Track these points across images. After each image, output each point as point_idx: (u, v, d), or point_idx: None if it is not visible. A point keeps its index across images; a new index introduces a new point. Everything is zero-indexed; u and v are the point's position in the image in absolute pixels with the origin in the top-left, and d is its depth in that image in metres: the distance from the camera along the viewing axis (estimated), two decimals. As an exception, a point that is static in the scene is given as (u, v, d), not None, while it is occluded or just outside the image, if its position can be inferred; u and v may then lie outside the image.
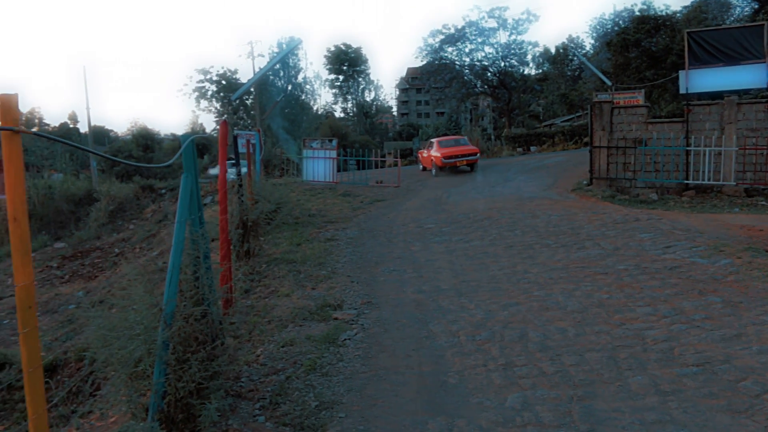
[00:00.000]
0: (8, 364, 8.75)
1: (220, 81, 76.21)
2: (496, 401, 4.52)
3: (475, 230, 11.51)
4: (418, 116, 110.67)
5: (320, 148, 20.69)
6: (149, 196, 27.25)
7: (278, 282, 8.61)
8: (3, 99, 2.36)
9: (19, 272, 2.43)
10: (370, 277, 8.57)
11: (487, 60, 54.36)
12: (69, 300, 14.53)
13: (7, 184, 2.39)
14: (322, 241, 11.07)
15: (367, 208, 15.39)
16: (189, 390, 4.16)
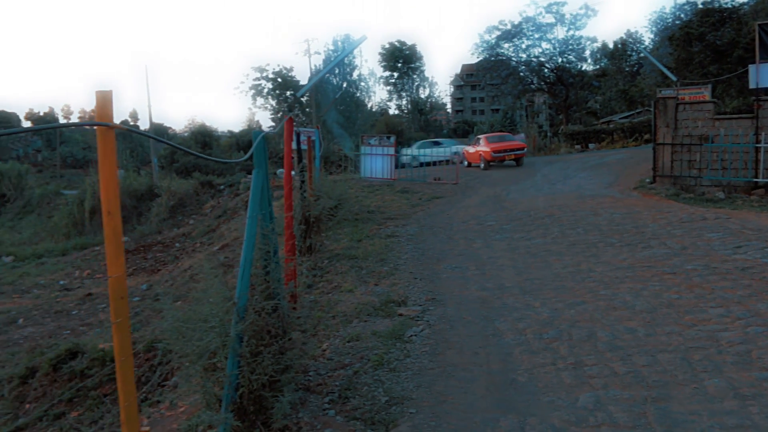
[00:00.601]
0: (80, 353, 9.00)
1: (275, 78, 77.12)
2: (568, 400, 4.46)
3: (536, 228, 11.39)
4: (472, 113, 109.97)
5: (378, 145, 20.77)
6: (208, 191, 27.72)
7: (341, 278, 8.68)
8: (99, 95, 2.43)
9: (112, 264, 2.50)
10: (432, 273, 8.57)
11: (544, 56, 53.71)
12: (133, 292, 14.91)
13: (102, 179, 2.46)
14: (383, 238, 11.11)
15: (426, 205, 15.38)
16: (262, 382, 4.22)
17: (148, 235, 24.05)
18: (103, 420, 7.39)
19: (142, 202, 28.73)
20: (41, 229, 32.29)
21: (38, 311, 14.74)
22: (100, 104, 2.41)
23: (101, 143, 2.42)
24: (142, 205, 28.58)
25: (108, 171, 2.45)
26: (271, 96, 77.53)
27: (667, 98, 17.21)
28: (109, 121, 2.40)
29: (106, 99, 2.42)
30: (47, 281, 18.96)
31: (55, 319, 13.81)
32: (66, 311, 14.46)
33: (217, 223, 20.67)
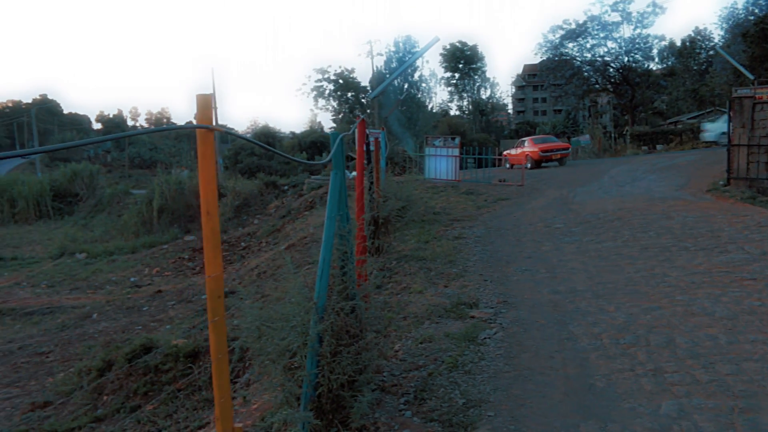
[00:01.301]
0: (153, 348, 9.26)
1: (337, 80, 77.82)
2: (649, 408, 4.36)
3: (606, 231, 11.19)
4: (534, 114, 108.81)
5: (443, 146, 20.75)
6: (272, 192, 28.18)
7: (410, 279, 8.70)
8: (200, 99, 2.49)
9: (210, 263, 2.56)
10: (502, 276, 8.50)
11: (610, 55, 52.73)
12: (201, 290, 15.25)
13: (201, 180, 2.53)
14: (450, 239, 11.09)
15: (492, 207, 15.28)
16: (341, 382, 4.27)
17: (214, 234, 24.54)
18: (177, 414, 7.58)
19: (208, 202, 29.37)
20: (112, 227, 33.33)
21: (111, 307, 15.24)
22: (200, 107, 2.47)
23: (201, 145, 2.48)
24: (207, 205, 29.22)
25: (207, 172, 2.51)
26: (333, 97, 78.25)
27: (743, 98, 16.65)
28: (209, 123, 2.46)
29: (207, 102, 2.49)
30: (118, 278, 19.58)
31: (127, 315, 14.24)
32: (137, 307, 14.90)
33: (282, 223, 20.96)
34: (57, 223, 39.92)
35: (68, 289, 18.91)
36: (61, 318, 14.79)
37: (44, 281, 20.56)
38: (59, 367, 10.97)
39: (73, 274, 21.20)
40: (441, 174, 20.55)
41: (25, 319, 15.26)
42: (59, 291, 18.80)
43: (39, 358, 11.70)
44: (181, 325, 11.79)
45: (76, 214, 41.92)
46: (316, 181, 24.64)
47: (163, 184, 30.72)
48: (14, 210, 41.66)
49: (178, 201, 29.62)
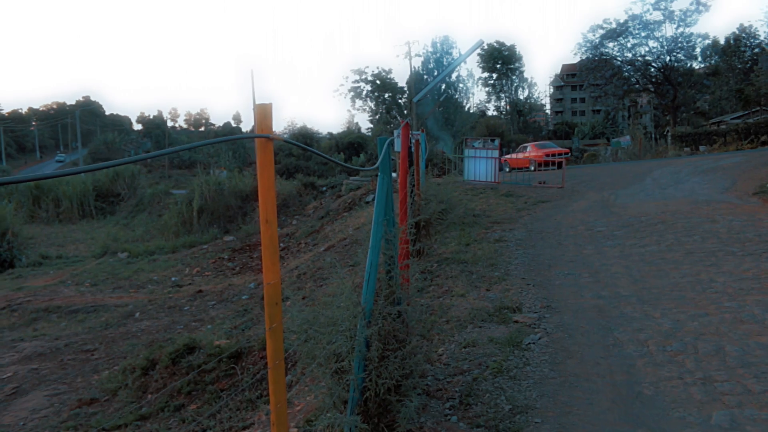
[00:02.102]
0: (196, 348, 9.37)
1: (374, 81, 78.00)
2: (700, 418, 4.30)
3: (649, 234, 11.02)
4: (572, 114, 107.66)
5: (482, 148, 20.69)
6: (311, 193, 28.35)
7: (451, 282, 8.68)
8: (259, 108, 2.53)
9: (269, 271, 2.59)
10: (544, 280, 8.43)
11: (651, 55, 51.87)
12: (242, 291, 15.41)
13: (260, 189, 2.56)
14: (491, 242, 11.03)
15: (532, 209, 15.16)
16: (388, 387, 4.28)
17: (253, 235, 24.79)
18: (221, 414, 7.66)
19: (247, 202, 29.67)
20: (152, 227, 33.85)
21: (153, 306, 15.46)
22: (260, 117, 2.51)
23: (260, 154, 2.51)
24: (247, 205, 29.52)
25: (266, 181, 2.54)
26: (370, 98, 78.45)
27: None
28: (268, 133, 2.49)
29: (266, 112, 2.52)
30: (160, 277, 19.86)
31: (169, 314, 14.43)
32: (178, 307, 15.09)
33: (321, 224, 21.06)
34: (99, 223, 40.71)
35: (111, 288, 19.23)
36: (104, 316, 15.04)
37: (88, 280, 20.95)
38: (104, 364, 11.15)
39: (116, 273, 21.56)
40: (480, 176, 20.47)
41: (71, 317, 15.56)
42: (102, 290, 19.13)
43: (85, 355, 11.90)
44: (222, 325, 11.92)
45: (117, 213, 42.71)
46: (354, 182, 24.73)
47: (202, 185, 31.10)
48: (59, 210, 42.60)
49: (217, 202, 29.97)
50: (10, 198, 40.72)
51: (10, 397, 10.05)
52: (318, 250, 15.94)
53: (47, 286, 20.38)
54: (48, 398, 9.85)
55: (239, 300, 14.17)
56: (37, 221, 41.33)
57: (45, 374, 11.00)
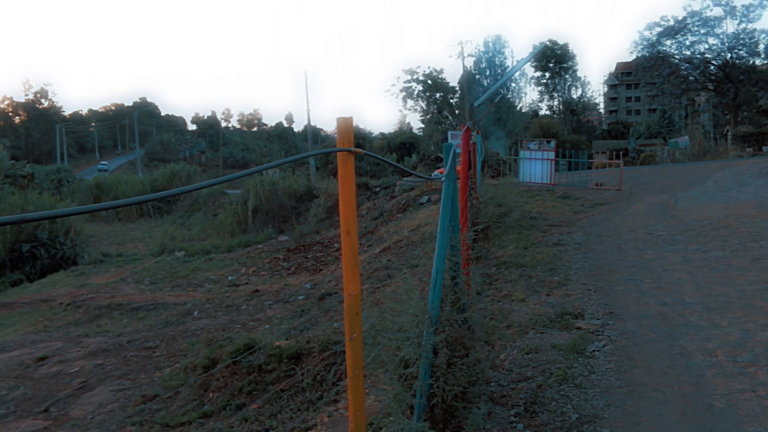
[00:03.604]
0: (257, 348, 9.51)
1: (425, 81, 77.89)
2: (776, 432, 4.20)
3: (712, 239, 10.77)
4: (627, 113, 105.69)
5: (538, 149, 20.52)
6: (364, 193, 28.44)
7: (510, 286, 8.63)
8: (341, 122, 2.57)
9: (349, 282, 2.64)
10: (605, 285, 8.32)
11: (711, 52, 50.56)
12: (298, 291, 15.57)
13: (341, 200, 2.61)
14: (549, 246, 10.93)
15: (590, 212, 14.95)
16: (455, 393, 4.30)
17: (307, 235, 25.05)
18: (282, 414, 7.77)
19: (300, 203, 29.98)
20: (208, 226, 34.51)
21: (211, 305, 15.75)
22: (341, 130, 2.55)
23: (342, 167, 2.56)
24: (300, 206, 29.84)
25: (348, 193, 2.59)
26: (421, 98, 78.36)
27: None
28: (350, 146, 2.53)
29: (347, 125, 2.56)
30: (217, 276, 20.22)
31: (227, 313, 14.67)
32: (236, 306, 15.34)
33: (375, 225, 21.14)
34: (157, 222, 41.71)
35: (170, 286, 19.67)
36: (164, 314, 15.39)
37: (147, 278, 21.48)
38: (165, 362, 11.41)
39: (174, 271, 22.05)
40: (536, 177, 20.31)
41: (132, 314, 15.98)
42: (161, 288, 19.58)
43: (146, 352, 12.19)
44: (280, 325, 12.07)
45: (174, 213, 43.66)
46: (408, 183, 24.75)
47: (257, 185, 31.56)
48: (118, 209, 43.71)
49: (271, 202, 30.38)
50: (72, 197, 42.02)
51: (78, 391, 10.38)
52: (373, 252, 16.00)
53: (108, 284, 20.98)
54: (113, 393, 10.13)
55: (296, 300, 14.32)
56: (98, 220, 42.52)
57: (110, 370, 11.31)
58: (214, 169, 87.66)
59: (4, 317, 17.81)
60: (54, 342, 13.52)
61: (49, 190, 44.63)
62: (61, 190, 47.24)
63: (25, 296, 20.87)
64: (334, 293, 13.24)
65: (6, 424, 9.28)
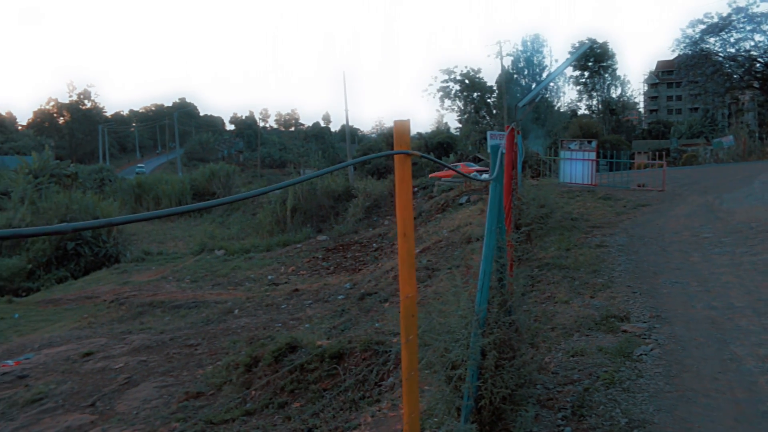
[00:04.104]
0: (298, 347, 9.58)
1: (463, 80, 77.54)
2: (833, 441, 4.11)
3: (761, 242, 10.53)
4: (668, 113, 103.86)
5: (578, 149, 20.32)
6: (403, 194, 28.41)
7: (553, 288, 8.56)
8: (398, 125, 2.58)
9: (405, 284, 2.64)
10: (651, 288, 8.20)
11: (757, 49, 49.36)
12: (337, 290, 15.63)
13: (398, 203, 2.61)
14: (592, 247, 10.80)
15: (632, 213, 14.73)
16: (503, 396, 4.28)
17: (345, 235, 25.16)
18: (324, 413, 7.81)
19: (339, 202, 30.10)
20: (247, 225, 34.85)
21: (251, 303, 15.90)
22: (398, 133, 2.56)
23: (399, 169, 2.56)
24: (339, 205, 29.96)
25: (404, 196, 2.59)
26: (458, 98, 78.03)
27: None
28: (407, 149, 2.54)
29: (405, 128, 2.57)
30: (256, 275, 20.41)
31: (267, 312, 14.79)
32: (275, 305, 15.46)
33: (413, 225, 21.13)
34: (196, 221, 42.21)
35: (210, 285, 19.92)
36: (205, 312, 15.58)
37: (188, 276, 21.79)
38: (207, 359, 11.55)
39: (214, 270, 22.33)
40: (576, 178, 20.12)
41: (174, 312, 16.21)
42: (202, 286, 19.84)
43: (189, 349, 12.36)
44: (320, 325, 12.14)
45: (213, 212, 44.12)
46: (446, 183, 24.70)
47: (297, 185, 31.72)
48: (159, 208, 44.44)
49: (310, 201, 30.56)
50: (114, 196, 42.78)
51: (123, 386, 10.57)
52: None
53: (150, 282, 21.33)
54: (157, 389, 10.30)
55: (335, 300, 14.38)
56: (139, 218, 43.10)
57: (153, 366, 11.50)
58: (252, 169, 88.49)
59: (51, 313, 18.23)
60: (99, 338, 13.79)
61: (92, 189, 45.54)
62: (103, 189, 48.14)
63: (70, 293, 21.34)
64: (374, 293, 13.26)
65: (55, 417, 9.49)
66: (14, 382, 11.17)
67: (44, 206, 30.54)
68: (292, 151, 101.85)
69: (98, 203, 31.24)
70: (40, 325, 16.58)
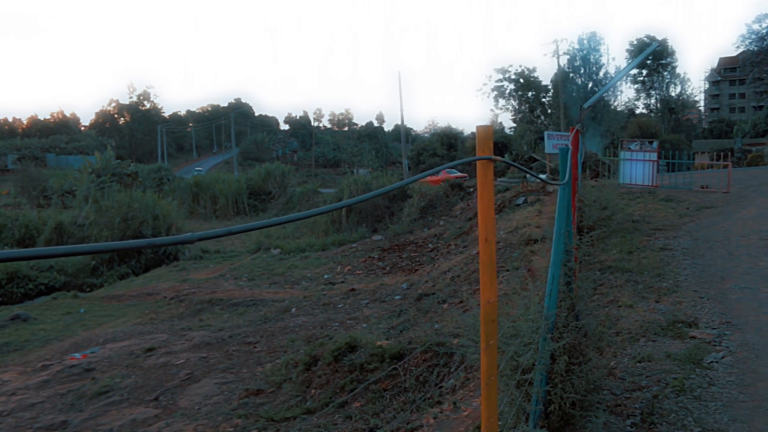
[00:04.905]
0: (358, 347, 9.63)
1: (518, 80, 76.77)
2: None
3: (834, 246, 10.19)
4: (730, 111, 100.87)
5: (639, 150, 19.93)
6: (457, 194, 28.32)
7: (616, 291, 8.42)
8: (481, 130, 2.58)
9: (486, 289, 2.64)
10: (718, 293, 8.00)
11: (827, 45, 47.63)
12: (394, 291, 15.64)
13: (480, 208, 2.62)
14: (655, 251, 10.58)
15: (695, 216, 14.37)
16: (572, 401, 4.24)
17: (401, 235, 25.16)
18: (385, 413, 7.84)
19: (394, 202, 30.12)
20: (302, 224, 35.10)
21: (308, 302, 16.02)
22: (481, 138, 2.56)
23: (481, 175, 2.56)
24: (394, 205, 29.97)
25: (487, 201, 2.59)
26: (513, 97, 77.31)
27: None
28: (489, 154, 2.54)
29: (487, 133, 2.57)
30: (313, 274, 20.57)
31: (324, 311, 14.89)
32: (332, 304, 15.55)
33: (469, 226, 21.03)
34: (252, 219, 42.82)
35: (267, 283, 20.17)
36: (263, 310, 15.77)
37: (245, 274, 22.10)
38: (266, 357, 11.70)
39: (270, 268, 22.60)
40: (637, 179, 19.74)
41: (232, 310, 16.46)
42: (259, 284, 20.10)
43: (248, 347, 12.54)
44: (378, 325, 12.17)
45: (269, 210, 44.75)
46: (503, 184, 24.51)
47: (351, 185, 31.97)
48: (215, 206, 45.31)
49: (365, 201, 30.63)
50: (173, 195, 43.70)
51: (185, 382, 10.79)
52: (470, 253, 15.92)
53: (208, 279, 21.71)
54: (218, 386, 10.48)
55: (392, 300, 14.41)
56: (196, 217, 44.11)
57: (213, 363, 11.70)
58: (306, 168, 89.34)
59: (114, 308, 18.74)
60: (160, 334, 14.11)
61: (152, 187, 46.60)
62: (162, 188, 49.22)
63: (132, 289, 21.90)
64: (432, 294, 13.23)
65: (121, 409, 9.76)
66: (82, 375, 11.53)
67: (107, 205, 31.38)
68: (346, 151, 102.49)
69: (158, 202, 31.94)
70: (104, 320, 17.05)
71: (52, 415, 9.79)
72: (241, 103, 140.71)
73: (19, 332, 15.61)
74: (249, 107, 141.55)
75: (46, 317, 17.69)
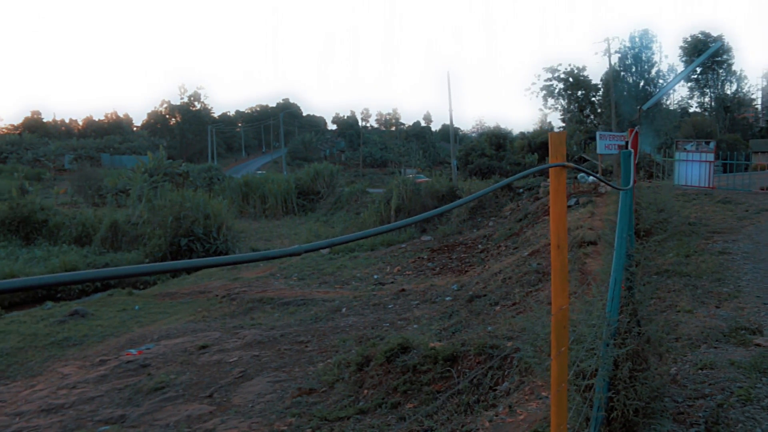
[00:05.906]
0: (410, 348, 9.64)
1: (567, 79, 75.92)
2: None
3: None
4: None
5: (695, 151, 19.53)
6: (507, 194, 28.14)
7: (674, 296, 8.27)
8: (554, 136, 2.58)
9: (558, 296, 2.64)
10: (783, 299, 7.80)
11: None
12: (444, 292, 15.63)
13: (552, 216, 2.61)
14: (714, 254, 10.35)
15: (756, 219, 13.97)
16: (635, 408, 4.18)
17: (450, 236, 25.12)
18: (438, 415, 7.84)
19: (443, 203, 30.09)
20: (351, 224, 35.33)
21: (358, 302, 16.10)
22: (554, 144, 2.55)
23: (554, 181, 2.56)
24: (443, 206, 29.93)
25: (559, 207, 2.59)
26: (562, 96, 76.48)
27: None
28: (563, 161, 2.53)
29: (561, 140, 2.56)
30: (362, 274, 20.67)
31: (374, 311, 14.95)
32: (382, 304, 15.59)
33: (519, 227, 20.88)
34: (301, 219, 43.24)
35: (317, 283, 20.34)
36: (313, 310, 15.91)
37: (295, 274, 22.32)
38: (318, 356, 11.80)
39: (320, 268, 22.78)
40: (693, 180, 19.35)
41: (283, 309, 16.64)
42: (309, 284, 20.28)
43: (299, 346, 12.66)
44: (429, 326, 12.17)
45: (317, 210, 45.10)
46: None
47: (400, 185, 32.02)
48: (265, 206, 45.84)
49: (414, 201, 30.71)
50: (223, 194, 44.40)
51: (238, 379, 10.96)
52: (521, 254, 15.80)
53: (259, 278, 22.00)
54: (271, 384, 10.61)
55: (443, 301, 14.39)
56: (246, 216, 44.71)
57: (266, 361, 11.85)
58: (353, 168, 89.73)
59: (167, 306, 19.13)
60: (212, 332, 14.35)
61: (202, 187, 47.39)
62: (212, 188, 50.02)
63: (184, 287, 22.31)
64: (483, 296, 13.18)
65: (176, 405, 9.97)
66: (138, 370, 11.81)
67: (159, 204, 32.02)
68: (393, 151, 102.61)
69: (209, 201, 32.46)
70: (158, 317, 17.41)
71: (111, 408, 10.06)
72: (289, 103, 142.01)
73: (78, 327, 16.05)
74: (297, 107, 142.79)
75: (103, 313, 18.14)
